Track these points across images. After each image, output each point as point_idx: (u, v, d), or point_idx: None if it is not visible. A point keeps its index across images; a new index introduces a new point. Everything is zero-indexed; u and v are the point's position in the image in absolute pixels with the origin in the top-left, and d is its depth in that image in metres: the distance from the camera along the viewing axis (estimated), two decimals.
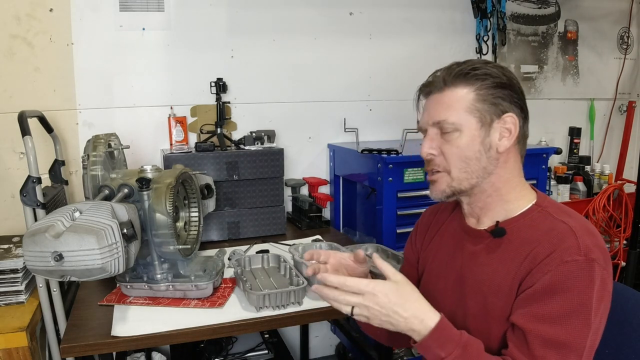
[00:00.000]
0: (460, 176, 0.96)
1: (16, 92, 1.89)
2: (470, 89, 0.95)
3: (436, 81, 0.98)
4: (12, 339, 1.42)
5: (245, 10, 2.19)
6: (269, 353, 1.98)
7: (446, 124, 0.95)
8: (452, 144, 0.96)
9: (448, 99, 0.96)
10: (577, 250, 0.85)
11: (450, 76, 0.96)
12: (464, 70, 0.95)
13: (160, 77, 2.12)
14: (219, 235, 1.97)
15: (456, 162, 0.96)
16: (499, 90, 0.95)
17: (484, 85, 0.95)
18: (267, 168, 1.98)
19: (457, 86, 0.95)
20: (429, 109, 0.99)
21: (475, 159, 0.95)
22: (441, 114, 0.96)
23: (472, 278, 0.98)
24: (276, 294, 1.35)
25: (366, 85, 2.42)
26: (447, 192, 0.98)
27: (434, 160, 0.99)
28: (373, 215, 1.99)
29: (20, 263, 1.54)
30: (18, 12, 1.86)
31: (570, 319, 0.83)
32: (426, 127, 1.00)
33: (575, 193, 2.57)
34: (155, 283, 1.41)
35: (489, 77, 0.95)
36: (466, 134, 0.95)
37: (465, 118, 0.95)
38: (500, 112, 0.95)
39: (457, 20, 2.52)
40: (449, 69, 0.97)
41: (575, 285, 0.84)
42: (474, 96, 0.94)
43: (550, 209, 0.96)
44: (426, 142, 0.99)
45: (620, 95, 2.97)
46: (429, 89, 1.00)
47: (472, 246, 1.01)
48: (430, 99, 1.00)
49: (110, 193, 1.36)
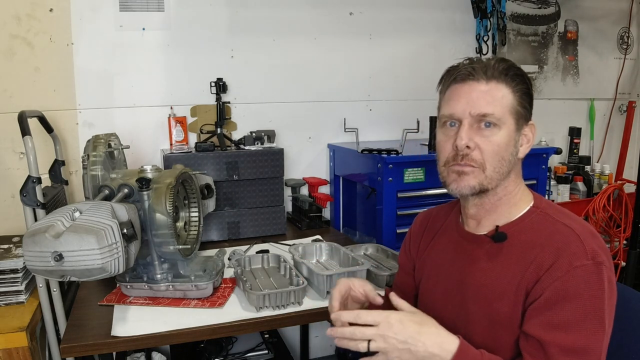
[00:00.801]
0: (494, 175, 0.94)
1: (16, 92, 1.89)
2: (513, 89, 0.94)
3: (478, 70, 0.93)
4: (12, 339, 1.42)
5: (245, 10, 2.19)
6: (269, 353, 1.98)
7: (492, 118, 0.92)
8: (491, 140, 0.92)
9: (494, 93, 0.92)
10: (584, 255, 0.85)
11: (496, 71, 0.93)
12: (510, 68, 0.94)
13: (160, 77, 2.12)
14: (219, 235, 1.97)
15: (493, 160, 0.93)
16: (529, 97, 0.96)
17: (522, 89, 0.95)
18: (267, 168, 1.98)
19: (500, 83, 0.93)
20: (469, 99, 0.93)
21: (508, 161, 0.94)
22: (488, 106, 0.92)
23: (473, 283, 0.97)
24: (276, 294, 1.35)
25: (366, 85, 2.42)
26: (476, 188, 0.94)
27: (470, 154, 0.93)
28: (373, 215, 1.99)
29: (20, 263, 1.54)
30: (18, 12, 1.86)
31: (585, 323, 0.83)
32: (463, 116, 0.93)
33: (575, 193, 2.57)
34: (155, 283, 1.41)
35: (527, 82, 0.95)
36: (504, 133, 0.93)
37: (507, 117, 0.93)
38: (527, 120, 0.97)
39: (457, 20, 2.52)
40: (493, 62, 0.94)
41: (587, 290, 0.84)
42: (516, 98, 0.94)
43: (549, 210, 0.96)
44: (464, 132, 0.93)
45: (620, 95, 2.97)
46: (469, 76, 0.94)
47: (472, 251, 1.00)
48: (470, 86, 0.94)
49: (110, 193, 1.36)
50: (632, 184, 2.57)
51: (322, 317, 1.37)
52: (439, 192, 1.90)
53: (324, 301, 1.40)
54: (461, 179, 0.95)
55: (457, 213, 1.09)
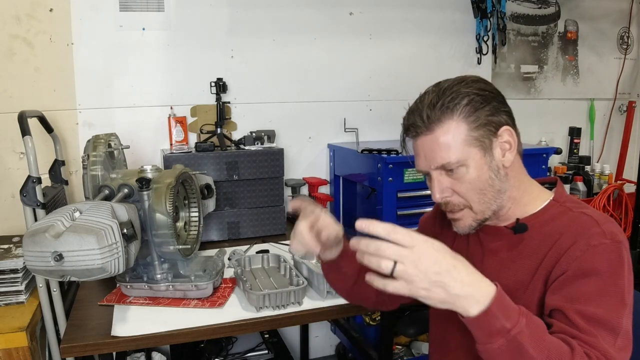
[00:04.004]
0: (482, 207, 0.94)
1: (16, 92, 1.89)
2: (458, 119, 0.89)
3: (419, 122, 0.91)
4: (12, 339, 1.42)
5: (245, 10, 2.19)
6: (269, 353, 1.98)
7: (451, 165, 0.90)
8: (463, 181, 0.92)
9: (442, 139, 0.90)
10: (602, 235, 0.85)
11: (434, 113, 0.90)
12: (445, 102, 0.89)
13: (160, 77, 2.12)
14: (219, 235, 1.97)
15: (473, 197, 0.93)
16: (485, 107, 0.90)
17: (471, 109, 0.90)
18: (267, 168, 1.98)
19: (444, 122, 0.89)
20: (425, 153, 0.93)
21: (490, 186, 0.93)
22: (442, 156, 0.90)
23: (493, 274, 0.95)
24: (276, 294, 1.35)
25: (366, 85, 2.42)
26: (473, 225, 0.96)
27: (451, 201, 0.95)
28: (373, 215, 1.99)
29: (20, 263, 1.53)
30: (18, 12, 1.86)
31: (605, 299, 0.82)
32: (429, 170, 0.94)
33: (575, 193, 2.57)
34: (155, 283, 1.41)
35: (471, 99, 0.90)
36: (473, 167, 0.91)
37: (467, 151, 0.90)
38: (495, 130, 0.91)
39: (457, 20, 2.52)
40: (429, 106, 0.90)
41: (607, 267, 0.83)
42: (466, 126, 0.89)
43: (569, 203, 0.96)
44: (435, 186, 0.94)
45: (620, 95, 2.97)
46: (414, 132, 0.93)
47: (491, 243, 1.00)
48: (421, 141, 0.93)
49: (110, 193, 1.36)
50: (632, 184, 2.57)
51: (322, 317, 1.37)
52: None
53: (324, 301, 1.40)
54: (457, 224, 0.98)
55: None
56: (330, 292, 1.39)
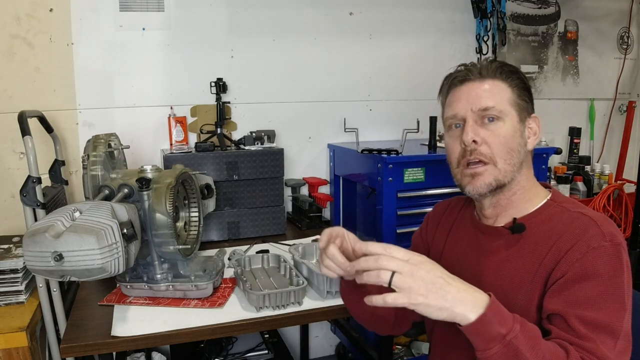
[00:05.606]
0: (506, 168, 0.95)
1: (16, 92, 1.89)
2: (508, 84, 0.97)
3: (473, 72, 0.98)
4: (12, 339, 1.42)
5: (245, 10, 2.19)
6: (269, 353, 1.98)
7: (494, 111, 0.95)
8: (497, 134, 0.95)
9: (492, 89, 0.96)
10: (602, 237, 0.86)
11: (490, 70, 0.97)
12: (503, 67, 0.98)
13: (160, 77, 2.12)
14: (219, 235, 1.97)
15: (502, 152, 0.95)
16: (527, 92, 0.99)
17: (519, 84, 0.98)
18: (267, 168, 1.98)
19: (496, 79, 0.97)
20: (468, 97, 0.97)
21: (517, 152, 0.96)
22: (487, 101, 0.95)
23: (491, 274, 0.97)
24: (276, 294, 1.35)
25: (366, 85, 2.42)
26: (492, 185, 0.95)
27: (478, 149, 0.95)
28: (373, 215, 1.99)
29: (20, 263, 1.54)
30: (18, 12, 1.86)
31: (605, 302, 0.82)
32: (466, 114, 0.96)
33: (575, 193, 2.57)
34: (155, 283, 1.41)
35: (521, 77, 0.99)
36: (509, 125, 0.96)
37: (509, 109, 0.96)
38: (529, 112, 1.00)
39: (457, 20, 2.52)
40: (488, 64, 0.99)
41: (606, 270, 0.84)
42: (511, 91, 0.97)
43: (566, 204, 0.97)
44: (469, 129, 0.95)
45: (620, 95, 2.97)
46: (463, 77, 0.99)
47: (489, 243, 1.00)
48: (468, 87, 0.98)
49: (110, 193, 1.36)
50: (632, 184, 2.57)
51: (322, 317, 1.37)
52: (439, 192, 1.90)
53: (324, 301, 1.40)
54: (476, 180, 0.96)
55: (472, 206, 1.10)
56: (330, 292, 1.39)
